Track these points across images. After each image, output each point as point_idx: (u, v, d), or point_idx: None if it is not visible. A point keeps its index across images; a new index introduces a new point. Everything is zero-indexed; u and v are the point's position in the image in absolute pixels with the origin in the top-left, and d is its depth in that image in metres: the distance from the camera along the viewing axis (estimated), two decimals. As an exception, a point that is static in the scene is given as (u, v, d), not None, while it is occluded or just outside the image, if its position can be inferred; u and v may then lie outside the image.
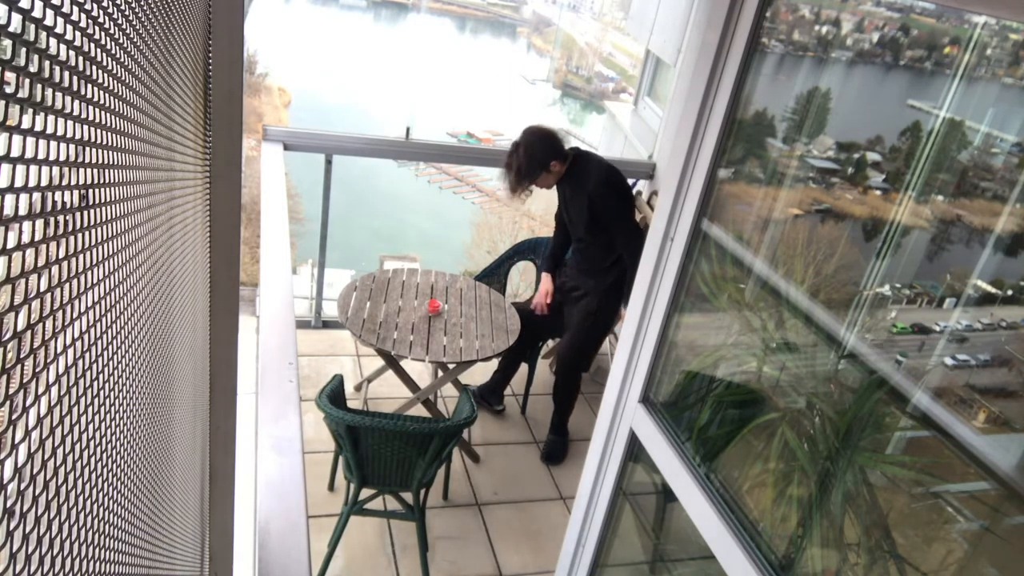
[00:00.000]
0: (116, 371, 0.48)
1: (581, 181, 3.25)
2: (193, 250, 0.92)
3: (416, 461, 2.53)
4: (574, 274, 3.53)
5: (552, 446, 3.58)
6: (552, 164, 3.22)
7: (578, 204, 3.30)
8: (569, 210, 3.39)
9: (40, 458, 0.33)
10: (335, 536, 2.63)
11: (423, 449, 2.48)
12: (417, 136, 3.89)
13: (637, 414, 1.85)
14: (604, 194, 3.26)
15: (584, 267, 3.48)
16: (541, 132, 3.27)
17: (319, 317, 4.21)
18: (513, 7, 47.80)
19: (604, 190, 3.26)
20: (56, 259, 0.34)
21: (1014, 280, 1.58)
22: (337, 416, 2.34)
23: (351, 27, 41.91)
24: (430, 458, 2.50)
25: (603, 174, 3.28)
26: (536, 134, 3.25)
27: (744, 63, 1.49)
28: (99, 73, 0.40)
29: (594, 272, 3.42)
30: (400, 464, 2.54)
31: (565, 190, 3.36)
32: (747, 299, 1.81)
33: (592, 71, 39.69)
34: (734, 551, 1.43)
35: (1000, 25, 1.55)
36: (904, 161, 1.77)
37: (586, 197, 3.24)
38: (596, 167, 3.29)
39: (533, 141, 3.21)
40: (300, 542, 1.48)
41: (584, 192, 3.25)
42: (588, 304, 3.42)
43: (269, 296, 2.55)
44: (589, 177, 3.25)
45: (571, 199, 3.34)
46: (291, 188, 5.18)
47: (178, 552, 0.83)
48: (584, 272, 3.48)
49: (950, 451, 1.40)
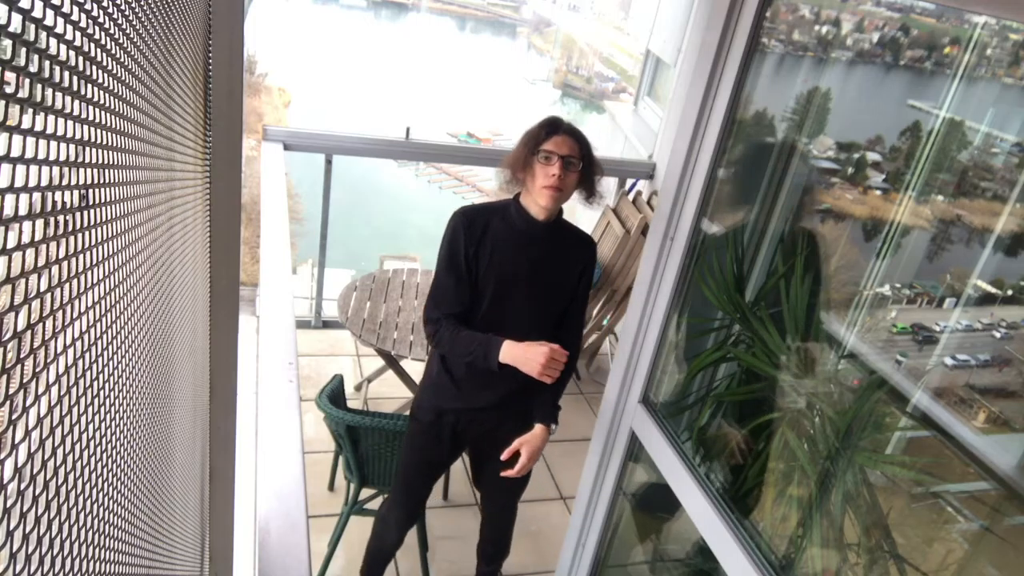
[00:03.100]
0: (116, 371, 0.48)
1: (566, 240, 2.08)
2: (193, 250, 0.92)
3: None
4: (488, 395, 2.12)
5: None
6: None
7: (559, 268, 2.07)
8: (533, 274, 2.02)
9: (40, 458, 0.33)
10: (335, 536, 2.63)
11: None
12: (417, 136, 3.89)
13: (637, 414, 1.85)
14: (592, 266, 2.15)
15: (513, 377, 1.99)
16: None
17: (319, 317, 4.21)
18: (513, 7, 47.81)
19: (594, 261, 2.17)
20: (56, 259, 0.34)
21: (1014, 280, 1.58)
22: (337, 416, 2.34)
23: (351, 27, 41.93)
24: None
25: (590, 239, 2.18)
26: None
27: (744, 63, 1.49)
28: (99, 73, 0.40)
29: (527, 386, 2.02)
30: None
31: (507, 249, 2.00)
32: (747, 300, 1.81)
33: (592, 71, 39.70)
34: (734, 551, 1.43)
35: (1000, 25, 1.55)
36: (904, 161, 1.77)
37: (578, 263, 2.08)
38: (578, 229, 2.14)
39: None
40: (300, 542, 1.48)
41: (576, 255, 2.08)
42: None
43: (269, 296, 2.55)
44: (580, 240, 2.11)
45: (546, 257, 2.03)
46: (291, 188, 5.19)
47: (178, 552, 0.83)
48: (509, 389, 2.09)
49: (950, 451, 1.40)
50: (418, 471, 2.33)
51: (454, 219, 2.01)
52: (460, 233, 1.97)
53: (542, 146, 1.91)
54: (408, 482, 2.34)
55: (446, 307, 2.02)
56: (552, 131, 1.93)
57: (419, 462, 2.30)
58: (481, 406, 2.10)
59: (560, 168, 1.88)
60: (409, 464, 2.30)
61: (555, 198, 1.91)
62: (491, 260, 1.99)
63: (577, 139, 1.94)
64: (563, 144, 1.91)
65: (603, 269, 3.88)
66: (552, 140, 1.91)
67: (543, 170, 1.90)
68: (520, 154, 1.96)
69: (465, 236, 1.97)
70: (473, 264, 1.98)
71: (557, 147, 1.90)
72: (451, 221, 2.01)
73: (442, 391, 2.14)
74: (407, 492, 2.36)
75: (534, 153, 1.92)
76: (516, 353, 1.95)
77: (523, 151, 1.95)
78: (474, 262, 1.98)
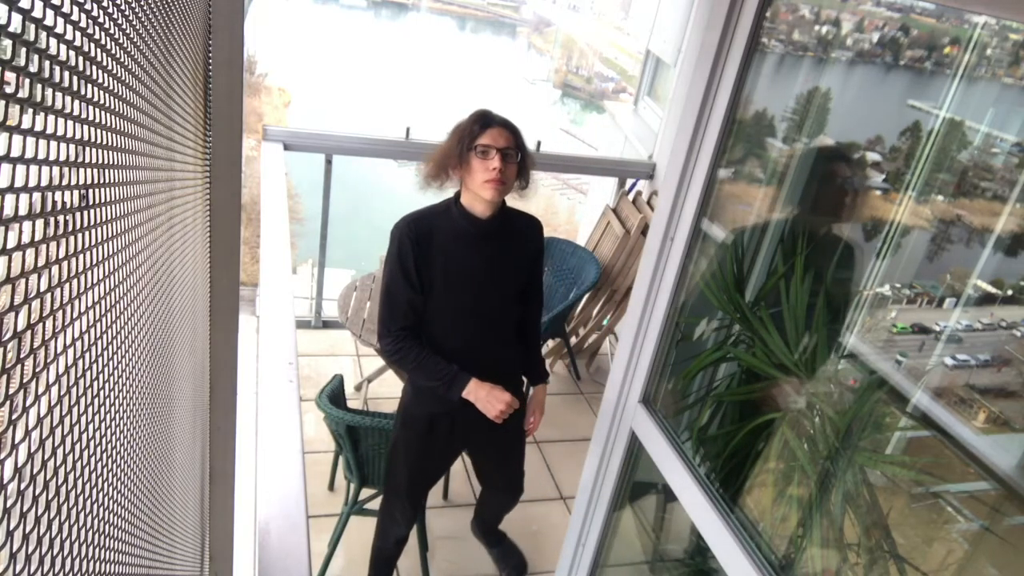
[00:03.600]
0: (116, 371, 0.48)
1: (515, 227, 2.08)
2: (193, 250, 0.92)
3: None
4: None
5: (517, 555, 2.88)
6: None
7: (514, 257, 2.08)
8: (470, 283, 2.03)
9: (40, 458, 0.33)
10: (335, 536, 2.63)
11: None
12: (417, 136, 3.89)
13: (637, 414, 1.85)
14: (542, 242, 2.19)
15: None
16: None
17: (319, 317, 4.21)
18: (513, 7, 47.80)
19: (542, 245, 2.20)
20: (56, 259, 0.34)
21: (1014, 280, 1.58)
22: (337, 416, 2.34)
23: (351, 27, 41.92)
24: None
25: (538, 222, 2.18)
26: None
27: (744, 63, 1.49)
28: (99, 73, 0.40)
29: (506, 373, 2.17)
30: None
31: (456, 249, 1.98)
32: (747, 299, 1.81)
33: (592, 71, 39.69)
34: (734, 551, 1.43)
35: (1000, 25, 1.55)
36: (904, 161, 1.77)
37: (531, 244, 2.13)
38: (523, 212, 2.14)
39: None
40: (300, 542, 1.48)
41: (522, 245, 2.10)
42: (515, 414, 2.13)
43: (269, 296, 2.55)
44: (528, 223, 2.12)
45: (499, 251, 2.03)
46: (291, 188, 5.18)
47: (178, 552, 0.83)
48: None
49: (950, 451, 1.40)
50: (422, 473, 2.34)
51: (397, 230, 1.96)
52: (407, 244, 1.94)
53: (478, 140, 1.87)
54: (412, 481, 2.33)
55: (401, 320, 2.00)
56: (486, 124, 1.90)
57: (421, 467, 2.30)
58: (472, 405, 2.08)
59: (500, 161, 1.86)
60: (412, 467, 2.28)
61: (499, 191, 1.89)
62: (443, 265, 1.96)
63: (511, 130, 1.92)
64: (499, 136, 1.89)
65: (603, 269, 3.88)
66: (487, 133, 1.88)
67: (482, 165, 1.87)
68: (453, 150, 1.91)
69: (413, 246, 1.93)
70: (425, 272, 1.95)
71: (494, 140, 1.87)
72: (394, 232, 1.96)
73: (431, 398, 2.11)
74: (410, 490, 2.35)
75: (470, 149, 1.88)
76: (480, 395, 2.00)
77: (456, 147, 1.91)
78: (425, 270, 1.95)
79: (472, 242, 1.98)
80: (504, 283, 2.08)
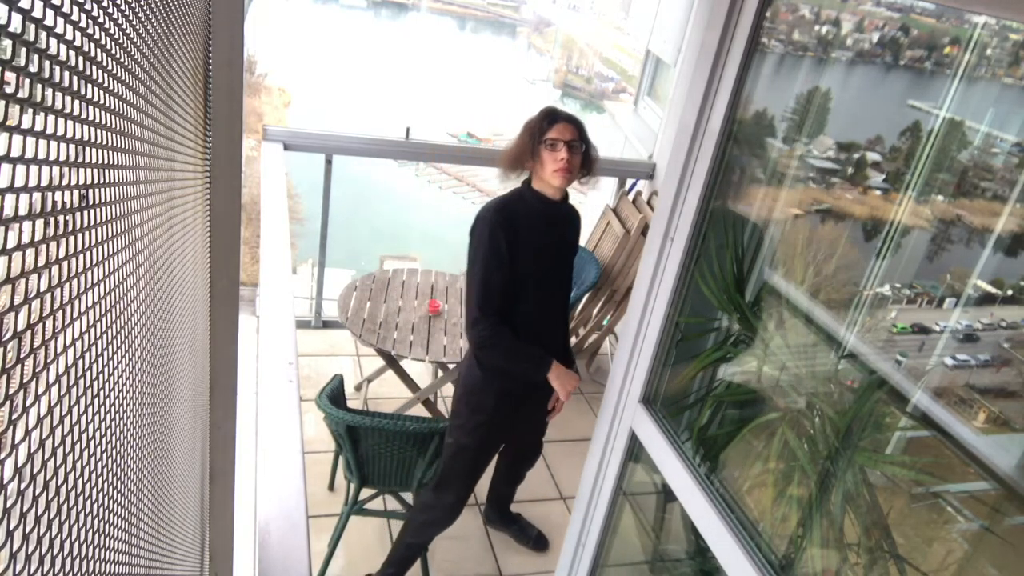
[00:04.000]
0: (116, 371, 0.48)
1: (571, 208, 2.35)
2: (193, 250, 0.92)
3: (416, 461, 2.53)
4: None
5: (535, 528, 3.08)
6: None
7: (573, 239, 2.41)
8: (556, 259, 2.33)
9: (40, 458, 0.33)
10: (335, 536, 2.63)
11: (423, 449, 2.49)
12: (417, 136, 3.89)
13: (637, 414, 1.85)
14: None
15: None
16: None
17: (319, 317, 4.21)
18: (513, 7, 47.79)
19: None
20: (56, 259, 0.34)
21: (1014, 280, 1.58)
22: (337, 416, 2.34)
23: (351, 27, 41.91)
24: (430, 458, 2.51)
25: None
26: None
27: (744, 63, 1.49)
28: (99, 73, 0.40)
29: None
30: (400, 464, 2.54)
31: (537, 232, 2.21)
32: (747, 299, 1.81)
33: (592, 71, 39.68)
34: (734, 551, 1.43)
35: (1000, 25, 1.55)
36: (904, 161, 1.77)
37: (576, 236, 2.43)
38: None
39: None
40: (300, 542, 1.48)
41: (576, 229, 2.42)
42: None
43: (269, 296, 2.55)
44: (574, 212, 2.38)
45: (567, 231, 2.35)
46: (291, 188, 5.18)
47: (178, 552, 0.83)
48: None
49: (950, 451, 1.40)
50: (488, 455, 2.50)
51: (488, 218, 2.17)
52: (498, 229, 2.14)
53: (547, 135, 2.12)
54: (478, 465, 2.47)
55: (496, 304, 2.18)
56: (553, 120, 2.15)
57: (487, 450, 2.47)
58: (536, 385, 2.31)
59: (567, 152, 2.11)
60: (480, 450, 2.42)
61: (567, 179, 2.15)
62: (526, 244, 2.18)
63: (575, 124, 2.18)
64: (565, 130, 2.14)
65: (603, 269, 3.88)
66: (555, 128, 2.13)
67: (551, 156, 2.12)
68: (526, 145, 2.16)
69: (503, 231, 2.14)
70: (515, 255, 2.16)
71: (561, 134, 2.13)
72: (484, 221, 2.17)
73: (502, 380, 2.30)
74: (472, 477, 2.48)
75: (540, 142, 2.13)
76: (560, 374, 2.26)
77: (528, 142, 2.16)
78: (516, 252, 2.16)
79: (548, 222, 2.24)
80: (568, 262, 2.39)
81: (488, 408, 2.32)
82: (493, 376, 2.30)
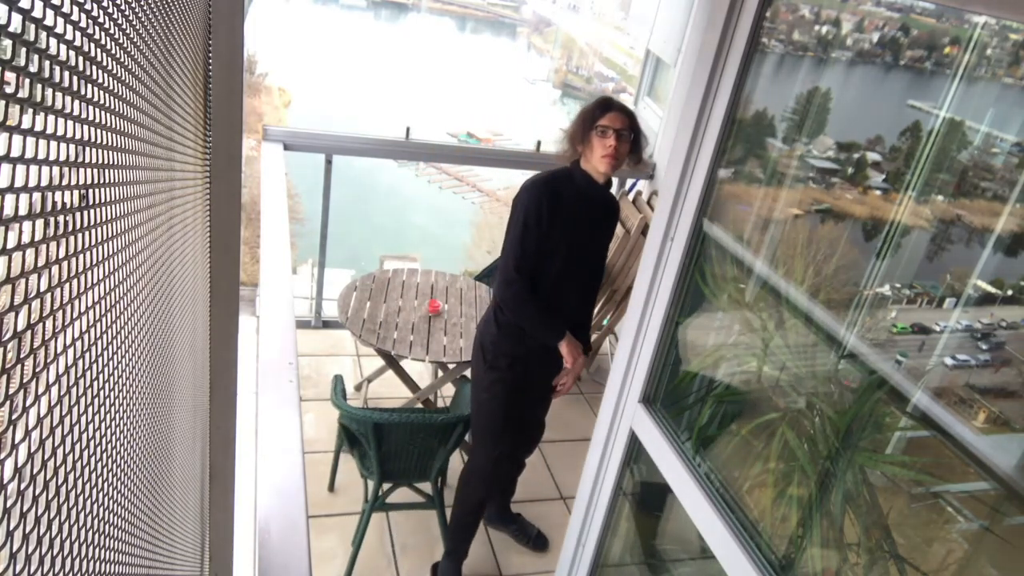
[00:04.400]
0: (116, 371, 0.48)
1: (603, 197, 2.43)
2: (193, 250, 0.92)
3: (438, 451, 2.63)
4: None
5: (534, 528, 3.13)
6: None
7: (611, 223, 2.52)
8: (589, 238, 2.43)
9: (40, 458, 0.33)
10: (359, 534, 2.65)
11: (445, 439, 2.59)
12: (417, 136, 3.89)
13: (637, 414, 1.85)
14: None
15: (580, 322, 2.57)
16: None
17: (319, 317, 4.21)
18: (513, 7, 47.78)
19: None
20: (56, 259, 0.34)
21: (1014, 280, 1.57)
22: (363, 416, 2.37)
23: (351, 27, 41.90)
24: (451, 447, 2.62)
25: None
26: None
27: (744, 63, 1.49)
28: (99, 73, 0.40)
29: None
30: (421, 456, 2.63)
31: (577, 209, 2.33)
32: (747, 299, 1.81)
33: (592, 71, 39.67)
34: (734, 551, 1.43)
35: (1000, 25, 1.55)
36: (904, 161, 1.77)
37: (612, 220, 2.53)
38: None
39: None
40: (300, 542, 1.48)
41: (609, 215, 2.51)
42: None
43: (269, 296, 2.55)
44: (615, 201, 2.53)
45: (605, 214, 2.47)
46: (291, 188, 5.18)
47: (178, 552, 0.83)
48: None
49: (950, 451, 1.40)
50: (510, 409, 2.54)
51: (534, 189, 2.30)
52: (542, 199, 2.27)
53: (598, 122, 2.24)
54: (507, 421, 2.53)
55: (530, 264, 2.32)
56: (606, 108, 2.27)
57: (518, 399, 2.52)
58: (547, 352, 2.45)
59: (615, 140, 2.22)
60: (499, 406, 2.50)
61: (613, 165, 2.26)
62: (567, 220, 2.30)
63: (627, 114, 2.29)
64: (616, 119, 2.25)
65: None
66: (607, 116, 2.25)
67: (600, 142, 2.24)
68: (579, 130, 2.30)
69: (548, 203, 2.27)
70: (550, 224, 2.28)
71: (611, 122, 2.24)
72: (529, 192, 2.31)
73: (516, 340, 2.43)
74: (503, 430, 2.55)
75: (592, 128, 2.25)
76: (569, 343, 2.40)
77: (581, 127, 2.29)
78: (552, 221, 2.28)
79: (589, 203, 2.36)
80: (601, 243, 2.51)
81: (502, 366, 2.45)
82: (508, 333, 2.43)
